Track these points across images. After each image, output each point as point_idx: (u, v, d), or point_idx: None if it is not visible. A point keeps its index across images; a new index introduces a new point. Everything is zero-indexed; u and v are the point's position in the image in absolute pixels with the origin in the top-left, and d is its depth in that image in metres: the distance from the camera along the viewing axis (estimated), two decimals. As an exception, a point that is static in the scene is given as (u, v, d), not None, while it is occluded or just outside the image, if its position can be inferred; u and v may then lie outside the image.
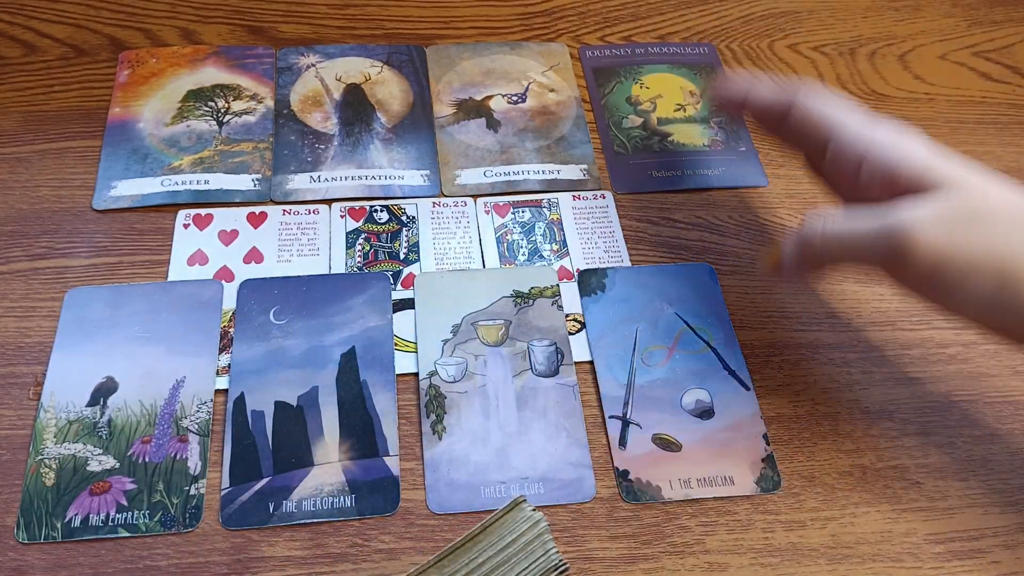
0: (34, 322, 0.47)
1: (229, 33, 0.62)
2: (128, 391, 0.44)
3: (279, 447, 0.43)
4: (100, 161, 0.54)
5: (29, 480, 0.41)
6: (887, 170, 0.39)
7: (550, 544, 0.27)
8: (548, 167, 0.56)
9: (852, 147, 0.41)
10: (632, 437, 0.45)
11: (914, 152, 0.39)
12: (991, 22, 0.69)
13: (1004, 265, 0.36)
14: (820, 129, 0.43)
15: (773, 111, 0.45)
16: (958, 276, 0.36)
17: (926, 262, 0.36)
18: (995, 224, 0.36)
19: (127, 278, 0.49)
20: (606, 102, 0.61)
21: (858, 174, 0.41)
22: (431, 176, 0.55)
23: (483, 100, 0.60)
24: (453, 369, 0.47)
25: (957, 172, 0.38)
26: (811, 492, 0.44)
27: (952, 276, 0.36)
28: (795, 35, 0.67)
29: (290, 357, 0.46)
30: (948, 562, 0.42)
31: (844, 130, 0.42)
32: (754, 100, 0.46)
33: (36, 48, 0.60)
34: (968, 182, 0.37)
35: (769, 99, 0.45)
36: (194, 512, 0.41)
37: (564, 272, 0.51)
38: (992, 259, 0.36)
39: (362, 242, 0.52)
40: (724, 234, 0.54)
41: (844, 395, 0.48)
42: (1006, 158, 0.60)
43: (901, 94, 0.64)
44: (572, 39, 0.65)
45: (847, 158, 0.41)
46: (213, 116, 0.57)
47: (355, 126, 0.58)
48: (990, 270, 0.36)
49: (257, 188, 0.54)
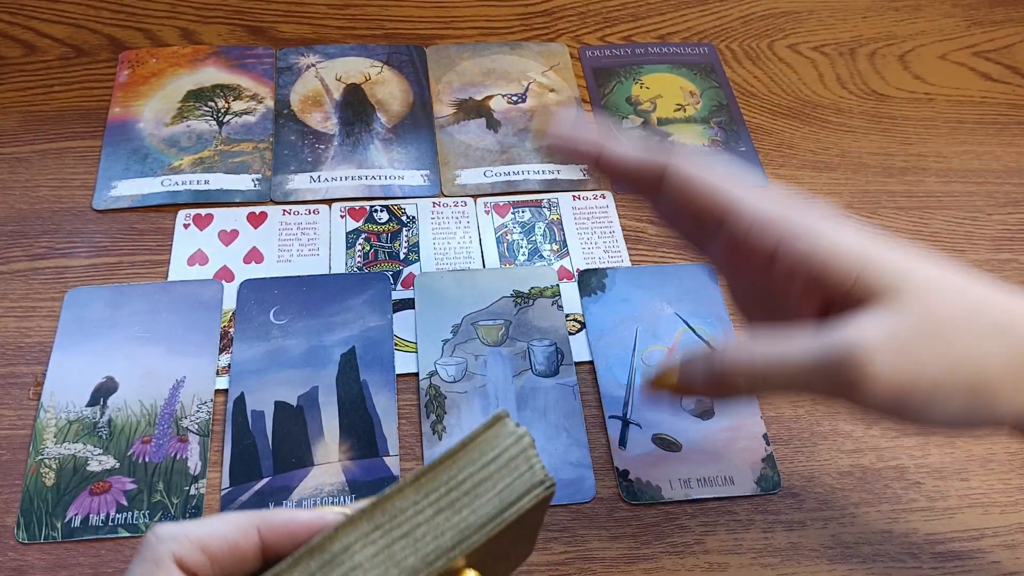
0: (34, 322, 0.47)
1: (229, 33, 0.62)
2: (128, 391, 0.44)
3: (279, 447, 0.43)
4: (100, 161, 0.54)
5: (29, 480, 0.41)
6: (811, 267, 0.31)
7: (535, 459, 0.26)
8: (548, 167, 0.56)
9: (759, 234, 0.32)
10: (632, 437, 0.45)
11: (843, 243, 0.31)
12: (991, 22, 0.69)
13: (974, 378, 0.30)
14: (709, 206, 0.33)
15: (639, 176, 0.35)
16: (923, 400, 0.30)
17: (885, 392, 0.29)
18: (958, 334, 0.30)
19: (127, 278, 0.49)
20: (606, 102, 0.61)
21: (768, 269, 0.32)
22: (431, 176, 0.55)
23: (483, 100, 0.60)
24: (453, 369, 0.47)
25: (902, 269, 0.31)
26: (811, 492, 0.44)
27: (917, 401, 0.30)
28: (795, 35, 0.67)
29: (290, 357, 0.46)
30: (948, 562, 0.42)
31: (744, 209, 0.32)
32: (613, 160, 0.35)
33: (36, 48, 0.60)
34: (918, 283, 0.30)
35: (632, 161, 0.35)
36: (194, 512, 0.41)
37: (564, 272, 0.51)
38: (960, 375, 0.30)
39: (362, 242, 0.52)
40: (724, 234, 0.54)
41: (844, 395, 0.48)
42: (1006, 158, 0.60)
43: (901, 94, 0.64)
44: (572, 39, 0.65)
45: (752, 248, 0.32)
46: (213, 116, 0.57)
47: (355, 126, 0.58)
48: (960, 386, 0.30)
49: (257, 188, 0.54)
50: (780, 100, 0.62)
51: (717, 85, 0.62)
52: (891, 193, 0.57)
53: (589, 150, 0.36)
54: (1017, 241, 0.56)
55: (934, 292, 0.30)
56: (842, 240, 0.31)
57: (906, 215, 0.56)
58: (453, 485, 0.25)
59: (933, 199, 0.57)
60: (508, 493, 0.25)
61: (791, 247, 0.31)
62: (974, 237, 0.55)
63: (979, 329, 0.30)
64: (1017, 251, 0.55)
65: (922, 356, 0.29)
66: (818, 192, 0.57)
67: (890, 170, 0.59)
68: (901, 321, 0.30)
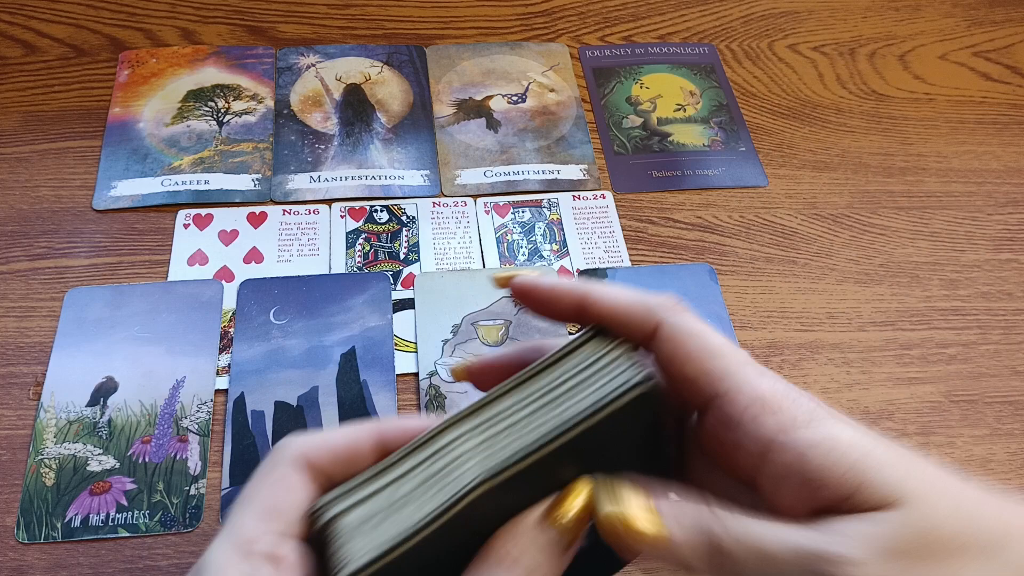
0: (34, 322, 0.47)
1: (229, 33, 0.62)
2: (128, 391, 0.44)
3: (279, 447, 0.43)
4: (100, 161, 0.54)
5: (29, 480, 0.41)
6: (806, 471, 0.28)
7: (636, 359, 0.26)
8: (548, 167, 0.56)
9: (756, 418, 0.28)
10: (632, 437, 0.45)
11: (842, 446, 0.28)
12: (991, 22, 0.69)
13: None
14: (704, 373, 0.29)
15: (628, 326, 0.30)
16: None
17: None
18: (950, 558, 0.27)
19: (127, 278, 0.49)
20: (606, 102, 0.61)
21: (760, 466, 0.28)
22: (431, 176, 0.55)
23: (483, 100, 0.60)
24: (453, 369, 0.47)
25: (902, 481, 0.28)
26: (811, 492, 0.44)
27: None
28: (795, 35, 0.67)
29: (290, 357, 0.46)
30: (948, 562, 0.42)
31: (745, 384, 0.28)
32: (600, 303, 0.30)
33: (36, 48, 0.60)
34: (918, 495, 0.28)
35: (623, 307, 0.30)
36: (194, 512, 0.41)
37: (564, 272, 0.51)
38: None
39: (362, 242, 0.52)
40: (724, 234, 0.54)
41: (844, 395, 0.48)
42: (1006, 158, 0.60)
43: (901, 94, 0.64)
44: (572, 39, 0.65)
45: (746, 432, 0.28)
46: (213, 116, 0.57)
47: (355, 126, 0.58)
48: None
49: (257, 188, 0.54)
50: (780, 100, 0.62)
51: (717, 85, 0.62)
52: (891, 193, 0.57)
53: (570, 294, 0.31)
54: (1017, 241, 0.56)
55: (933, 506, 0.28)
56: (840, 445, 0.28)
57: (906, 215, 0.56)
58: (555, 385, 0.25)
59: (933, 199, 0.57)
60: (608, 386, 0.25)
61: (786, 455, 0.28)
62: (974, 237, 0.55)
63: (974, 550, 0.28)
64: (1017, 251, 0.55)
65: None
66: (818, 192, 0.57)
67: (890, 170, 0.59)
68: (895, 535, 0.27)
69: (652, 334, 0.29)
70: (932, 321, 0.51)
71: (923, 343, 0.50)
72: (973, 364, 0.49)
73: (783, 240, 0.54)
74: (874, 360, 0.49)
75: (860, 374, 0.49)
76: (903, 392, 0.48)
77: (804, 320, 0.51)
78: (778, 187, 0.57)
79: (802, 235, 0.55)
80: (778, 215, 0.56)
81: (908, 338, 0.50)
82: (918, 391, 0.48)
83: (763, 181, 0.57)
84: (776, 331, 0.50)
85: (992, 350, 0.50)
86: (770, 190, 0.57)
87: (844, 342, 0.50)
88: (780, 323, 0.50)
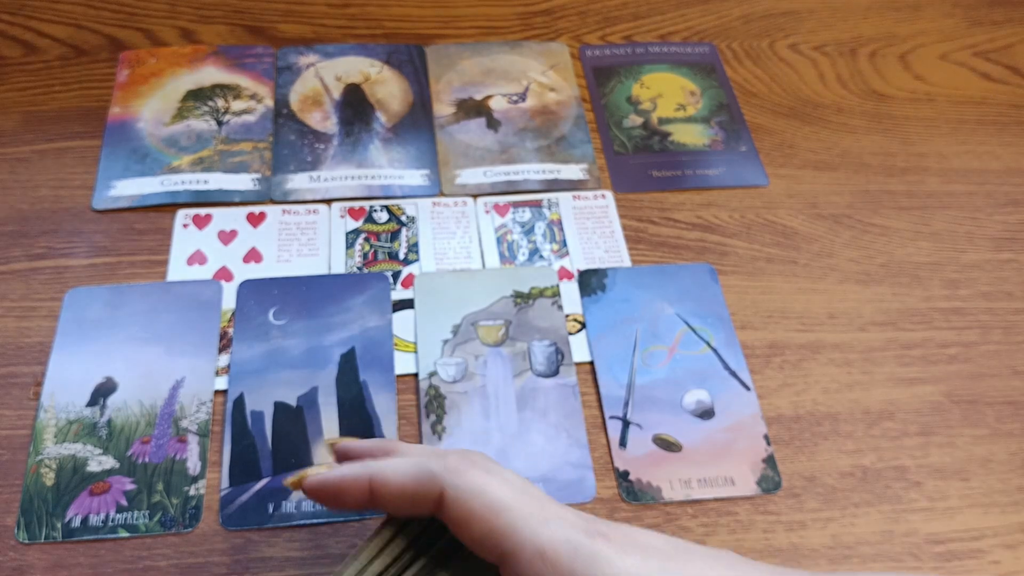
0: (34, 322, 0.47)
1: (229, 33, 0.62)
2: (128, 391, 0.44)
3: (279, 448, 0.43)
4: (100, 161, 0.54)
5: (29, 480, 0.41)
6: None
7: None
8: (548, 167, 0.56)
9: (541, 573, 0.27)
10: (632, 437, 0.45)
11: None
12: (991, 22, 0.69)
13: None
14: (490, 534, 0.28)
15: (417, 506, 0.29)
16: None
17: None
18: None
19: (126, 278, 0.49)
20: (606, 102, 0.61)
21: None
22: (431, 176, 0.55)
23: (483, 100, 0.60)
24: (453, 369, 0.46)
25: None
26: (812, 492, 0.44)
27: None
28: (795, 35, 0.67)
29: (290, 357, 0.46)
30: (948, 562, 0.42)
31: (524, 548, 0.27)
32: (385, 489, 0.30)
33: (36, 48, 0.60)
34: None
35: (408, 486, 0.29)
36: (194, 512, 0.41)
37: (564, 272, 0.51)
38: None
39: (362, 242, 0.52)
40: (724, 234, 0.54)
41: (845, 395, 0.48)
42: (1006, 158, 0.60)
43: (901, 94, 0.64)
44: (572, 39, 0.64)
45: None
46: (213, 116, 0.57)
47: (355, 126, 0.57)
48: None
49: (257, 188, 0.54)
50: (781, 100, 0.62)
51: (718, 85, 0.62)
52: (892, 193, 0.57)
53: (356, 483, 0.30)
54: (1017, 241, 0.55)
55: None
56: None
57: (907, 215, 0.56)
58: None
59: (934, 199, 0.57)
60: None
61: None
62: (974, 237, 0.55)
63: None
64: (1017, 251, 0.55)
65: None
66: (819, 192, 0.57)
67: (891, 170, 0.59)
68: None
69: (439, 501, 0.28)
70: (933, 321, 0.51)
71: (924, 343, 0.50)
72: (974, 364, 0.49)
73: (784, 240, 0.54)
74: (875, 360, 0.49)
75: (861, 374, 0.48)
76: (904, 392, 0.48)
77: (805, 320, 0.51)
78: (779, 187, 0.57)
79: (803, 235, 0.54)
80: (779, 215, 0.56)
81: (909, 338, 0.50)
82: (919, 391, 0.48)
83: (764, 181, 0.57)
84: (777, 331, 0.50)
85: (993, 350, 0.50)
86: (771, 190, 0.57)
87: (845, 342, 0.50)
88: (781, 323, 0.50)
